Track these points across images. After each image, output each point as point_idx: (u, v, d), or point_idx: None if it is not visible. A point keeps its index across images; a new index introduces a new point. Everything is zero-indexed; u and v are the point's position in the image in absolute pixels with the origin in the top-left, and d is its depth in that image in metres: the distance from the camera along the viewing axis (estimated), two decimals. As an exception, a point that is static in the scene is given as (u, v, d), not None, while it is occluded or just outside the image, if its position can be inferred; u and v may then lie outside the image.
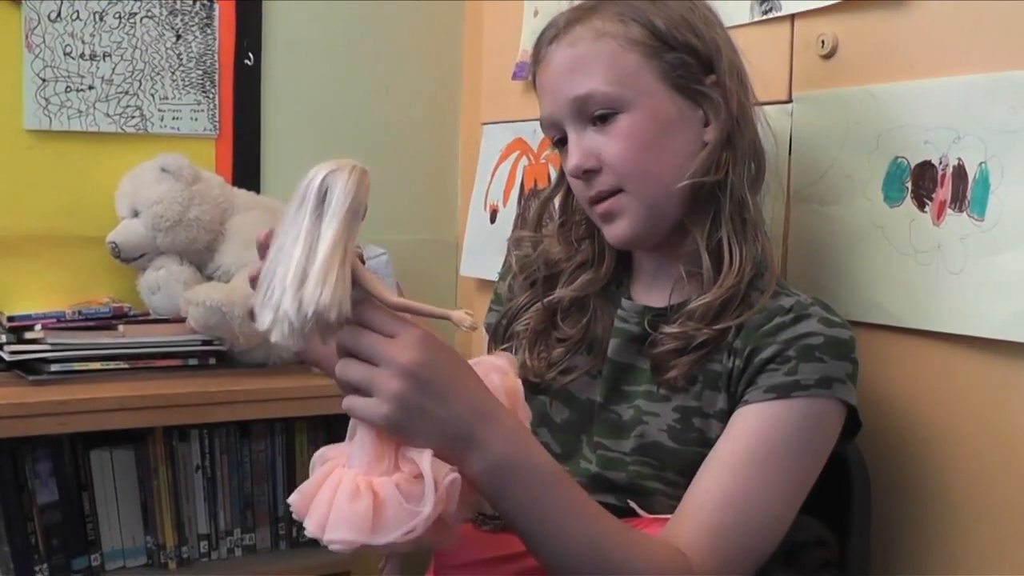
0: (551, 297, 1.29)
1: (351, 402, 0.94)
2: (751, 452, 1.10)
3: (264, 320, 0.89)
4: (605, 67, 1.18)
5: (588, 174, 1.20)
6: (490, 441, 0.95)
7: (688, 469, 1.13)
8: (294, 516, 0.94)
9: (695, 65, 1.19)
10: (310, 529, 0.92)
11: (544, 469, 0.99)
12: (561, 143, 1.24)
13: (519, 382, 1.06)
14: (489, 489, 0.97)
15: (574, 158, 1.20)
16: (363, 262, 0.94)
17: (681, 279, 1.22)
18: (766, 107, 1.31)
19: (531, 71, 1.28)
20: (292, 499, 0.95)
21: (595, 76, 1.18)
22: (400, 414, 0.91)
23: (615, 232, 1.22)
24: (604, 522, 1.01)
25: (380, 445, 0.92)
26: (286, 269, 0.88)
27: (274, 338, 0.88)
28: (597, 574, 1.00)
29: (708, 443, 1.14)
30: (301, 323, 0.87)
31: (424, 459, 0.91)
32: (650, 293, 1.27)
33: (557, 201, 1.35)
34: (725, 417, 1.15)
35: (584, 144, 1.19)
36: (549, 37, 1.23)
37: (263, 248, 0.94)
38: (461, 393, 0.95)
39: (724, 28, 1.25)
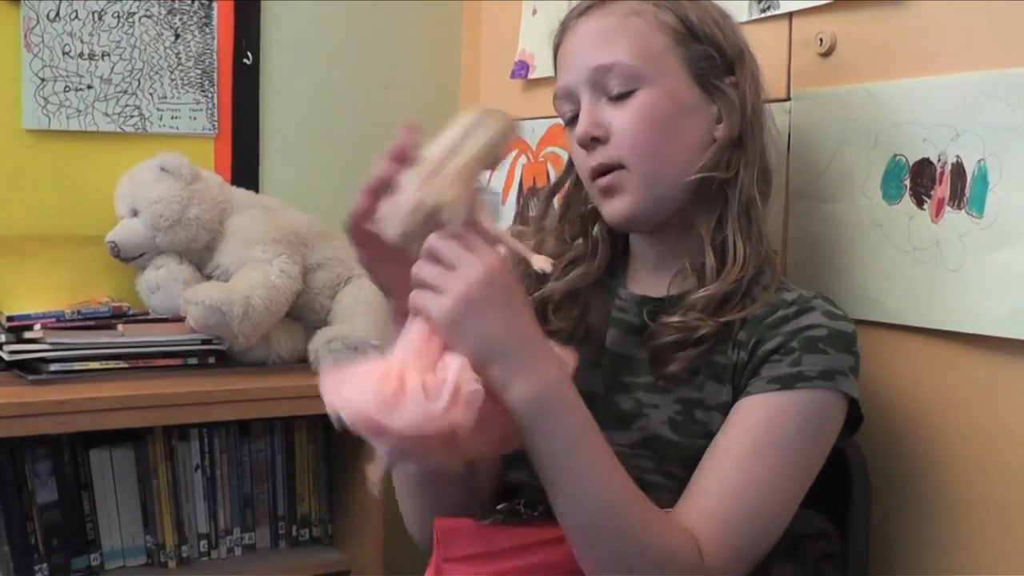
0: (541, 292, 1.29)
1: (416, 295, 1.02)
2: (756, 442, 1.10)
3: (382, 212, 1.01)
4: (632, 41, 1.19)
5: (594, 142, 1.20)
6: (538, 368, 1.00)
7: (690, 462, 1.13)
8: (322, 392, 0.98)
9: (719, 61, 1.21)
10: (328, 398, 0.96)
11: (582, 414, 1.03)
12: (572, 122, 1.24)
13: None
14: (527, 417, 1.00)
15: (583, 125, 1.20)
16: None
17: (681, 271, 1.22)
18: (767, 105, 1.31)
19: (555, 40, 1.28)
20: (326, 374, 0.99)
21: (621, 48, 1.19)
22: (461, 309, 0.99)
23: (613, 209, 1.22)
24: (628, 484, 1.04)
25: (427, 343, 0.99)
26: (421, 168, 1.01)
27: (387, 227, 1.01)
28: (611, 533, 1.02)
29: (710, 436, 1.14)
30: (416, 213, 1.00)
31: (455, 362, 0.96)
32: (648, 283, 1.27)
33: (559, 200, 1.35)
34: (728, 410, 1.15)
35: (596, 113, 1.20)
36: (580, 10, 1.24)
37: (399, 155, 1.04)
38: (522, 317, 1.02)
39: (747, 42, 1.27)
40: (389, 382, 0.95)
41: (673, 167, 1.19)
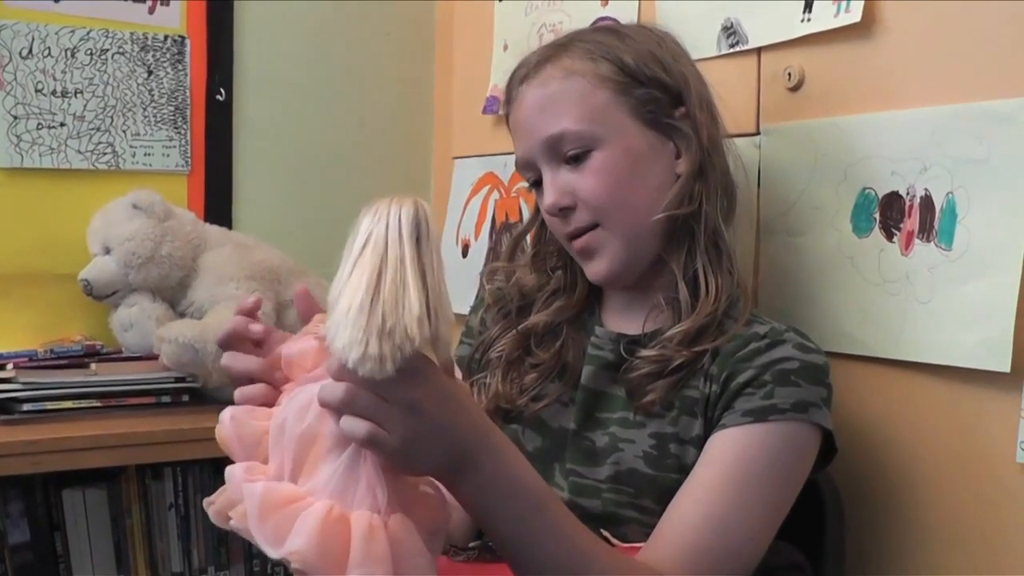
0: (526, 323, 1.30)
1: (363, 432, 0.86)
2: (729, 475, 1.10)
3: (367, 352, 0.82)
4: (575, 105, 1.19)
5: (564, 211, 1.21)
6: (484, 461, 0.94)
7: (664, 496, 1.13)
8: (304, 570, 0.84)
9: (664, 99, 1.21)
10: None
11: (532, 488, 0.98)
12: (536, 184, 1.26)
13: None
14: (479, 508, 0.96)
15: (550, 196, 1.21)
16: None
17: (655, 307, 1.23)
18: (734, 140, 1.32)
19: (504, 110, 1.29)
20: (302, 550, 0.84)
21: (566, 115, 1.19)
22: (410, 447, 0.87)
23: (595, 269, 1.23)
24: (588, 544, 1.01)
25: (393, 478, 0.89)
26: (404, 301, 0.83)
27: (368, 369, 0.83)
28: None
29: (685, 470, 1.14)
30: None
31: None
32: (623, 320, 1.28)
33: (530, 237, 1.37)
34: (701, 443, 1.15)
35: (559, 182, 1.21)
36: (520, 77, 1.25)
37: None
38: (462, 417, 0.92)
39: (692, 61, 1.28)
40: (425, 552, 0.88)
41: (643, 214, 1.20)
